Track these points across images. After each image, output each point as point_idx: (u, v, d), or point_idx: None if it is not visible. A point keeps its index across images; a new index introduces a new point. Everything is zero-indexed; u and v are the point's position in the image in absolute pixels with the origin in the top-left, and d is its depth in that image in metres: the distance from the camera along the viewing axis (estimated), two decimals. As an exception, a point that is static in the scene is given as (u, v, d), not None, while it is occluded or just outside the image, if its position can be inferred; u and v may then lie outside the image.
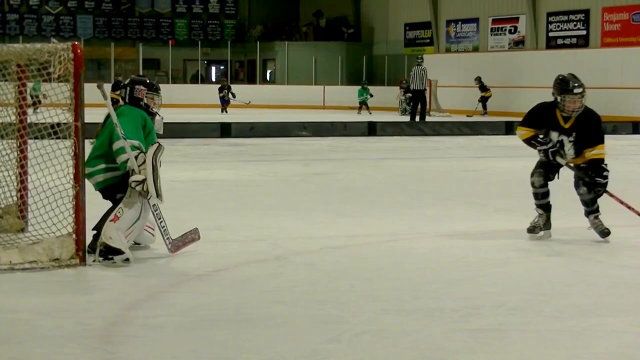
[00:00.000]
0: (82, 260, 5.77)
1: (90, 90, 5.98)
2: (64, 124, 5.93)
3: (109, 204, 6.16)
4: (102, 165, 6.07)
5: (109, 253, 5.80)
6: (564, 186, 10.53)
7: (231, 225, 7.40)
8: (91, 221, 6.02)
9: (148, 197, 5.93)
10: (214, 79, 40.68)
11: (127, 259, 5.80)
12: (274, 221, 7.70)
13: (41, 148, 6.32)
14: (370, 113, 29.03)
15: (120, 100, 6.38)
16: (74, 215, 5.84)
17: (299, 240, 6.84)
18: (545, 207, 7.20)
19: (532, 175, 7.27)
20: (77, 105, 5.81)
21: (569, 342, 4.26)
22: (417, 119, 23.77)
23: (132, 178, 5.87)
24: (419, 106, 24.02)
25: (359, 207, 8.72)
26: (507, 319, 4.63)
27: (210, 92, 35.18)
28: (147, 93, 6.29)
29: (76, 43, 5.86)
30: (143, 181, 5.87)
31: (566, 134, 7.09)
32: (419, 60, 24.83)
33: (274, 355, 4.00)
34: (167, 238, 6.11)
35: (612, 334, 4.40)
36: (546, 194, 7.23)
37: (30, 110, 6.26)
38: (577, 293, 5.26)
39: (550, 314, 4.74)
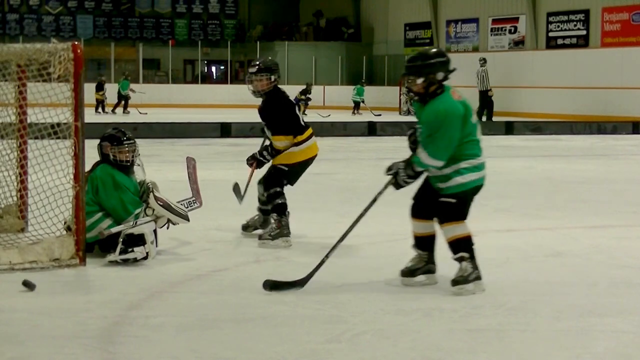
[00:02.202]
0: (82, 260, 5.77)
1: (90, 90, 5.99)
2: (64, 124, 5.93)
3: None
4: (100, 214, 6.05)
5: (129, 245, 5.82)
6: (561, 187, 10.54)
7: (231, 225, 7.39)
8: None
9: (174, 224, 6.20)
10: (214, 79, 40.66)
11: (146, 257, 5.82)
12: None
13: (41, 148, 6.32)
14: (361, 114, 28.87)
15: (100, 110, 6.43)
16: (74, 215, 5.84)
17: (299, 240, 6.84)
18: (263, 211, 6.88)
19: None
20: (77, 105, 5.81)
21: (569, 342, 4.26)
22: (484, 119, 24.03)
23: (158, 225, 6.07)
24: (485, 107, 24.25)
25: (359, 207, 8.70)
26: (507, 319, 4.63)
27: (210, 92, 35.19)
28: (111, 148, 6.12)
29: (76, 43, 5.86)
30: (168, 222, 6.12)
31: None
32: (482, 62, 24.95)
33: (274, 355, 4.00)
34: (190, 203, 6.40)
35: (612, 334, 4.40)
36: (274, 196, 6.70)
37: (119, 110, 6.16)
38: (577, 293, 5.25)
39: (550, 314, 4.74)
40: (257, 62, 6.72)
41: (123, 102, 27.72)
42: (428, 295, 5.13)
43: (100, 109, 26.55)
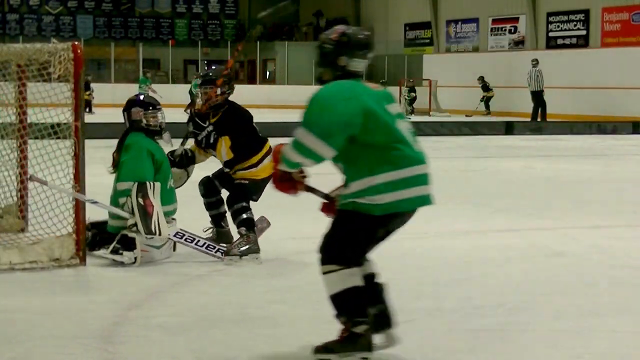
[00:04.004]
0: (82, 260, 5.77)
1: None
2: (64, 124, 5.93)
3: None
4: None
5: (123, 247, 5.81)
6: (561, 187, 10.54)
7: (231, 225, 7.38)
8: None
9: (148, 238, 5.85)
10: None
11: (134, 261, 5.79)
12: (274, 221, 7.68)
13: (41, 148, 6.31)
14: None
15: (87, 110, 6.34)
16: (74, 215, 5.84)
17: (298, 240, 6.83)
18: (214, 219, 6.54)
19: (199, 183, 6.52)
20: (77, 105, 5.81)
21: (569, 342, 4.26)
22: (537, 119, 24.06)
23: (127, 222, 5.88)
24: (539, 107, 24.27)
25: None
26: (507, 319, 4.63)
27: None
28: (144, 114, 6.11)
29: (76, 43, 5.86)
30: (134, 224, 5.82)
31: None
32: (534, 62, 24.93)
33: (274, 355, 4.00)
34: (217, 251, 6.04)
35: (612, 334, 4.40)
36: (212, 205, 6.48)
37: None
38: (577, 293, 5.26)
39: (550, 314, 4.74)
40: (207, 72, 6.44)
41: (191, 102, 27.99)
42: (428, 295, 5.13)
43: (87, 109, 26.48)
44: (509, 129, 20.67)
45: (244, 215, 6.16)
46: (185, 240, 6.01)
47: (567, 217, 8.19)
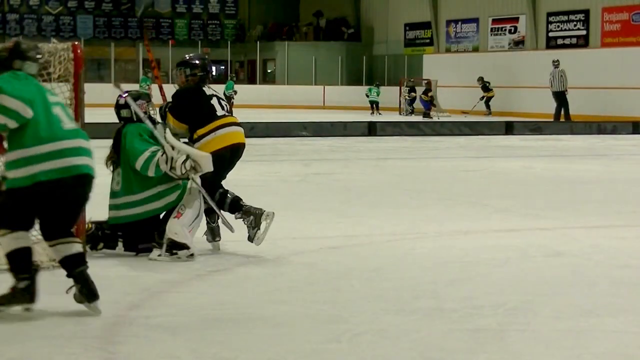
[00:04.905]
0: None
1: (91, 90, 5.99)
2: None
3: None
4: (124, 199, 6.14)
5: (173, 248, 5.94)
6: (561, 187, 10.54)
7: (231, 225, 7.38)
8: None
9: (199, 171, 5.95)
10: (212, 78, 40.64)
11: (192, 255, 5.96)
12: (274, 221, 7.69)
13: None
14: (380, 114, 29.07)
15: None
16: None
17: (298, 240, 6.84)
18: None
19: None
20: (77, 105, 5.80)
21: (569, 342, 4.26)
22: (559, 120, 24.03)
23: (177, 163, 5.91)
24: (562, 108, 24.23)
25: (359, 207, 8.72)
26: (507, 319, 4.63)
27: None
28: (148, 105, 6.31)
29: (76, 43, 5.86)
30: (187, 158, 5.93)
31: None
32: (556, 63, 24.90)
33: (274, 355, 4.00)
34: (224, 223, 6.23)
35: (612, 334, 4.40)
36: (221, 199, 6.39)
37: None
38: (577, 293, 5.26)
39: (550, 314, 4.74)
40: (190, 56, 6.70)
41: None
42: (428, 295, 5.13)
43: None
44: (509, 129, 20.68)
45: (227, 201, 6.31)
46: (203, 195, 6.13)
47: (567, 217, 8.19)
